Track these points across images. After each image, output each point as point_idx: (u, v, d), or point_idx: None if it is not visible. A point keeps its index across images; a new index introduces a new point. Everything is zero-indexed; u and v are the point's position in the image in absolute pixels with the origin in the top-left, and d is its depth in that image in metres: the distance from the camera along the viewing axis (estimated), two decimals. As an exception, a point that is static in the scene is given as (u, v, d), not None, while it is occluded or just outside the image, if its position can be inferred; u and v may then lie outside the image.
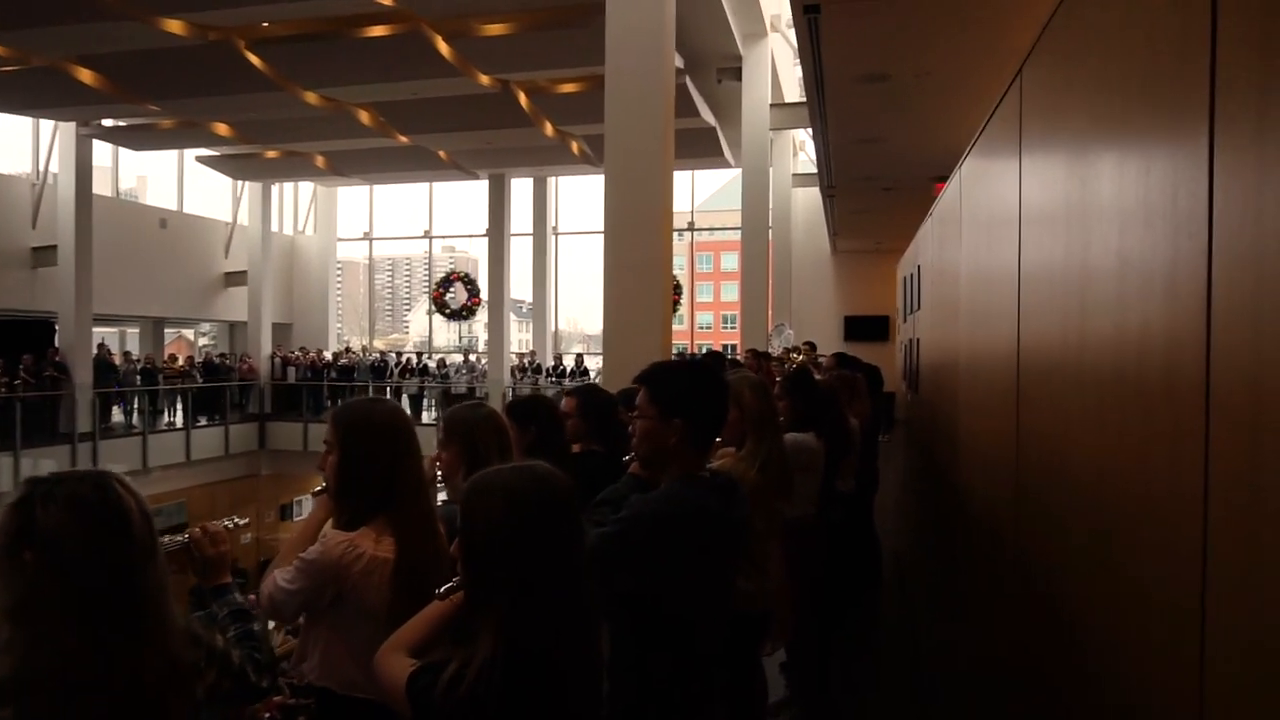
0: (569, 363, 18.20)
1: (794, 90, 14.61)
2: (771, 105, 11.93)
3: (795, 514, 3.01)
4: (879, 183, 10.47)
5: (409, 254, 33.86)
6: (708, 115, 12.71)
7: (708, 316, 42.87)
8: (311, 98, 12.00)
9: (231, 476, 17.11)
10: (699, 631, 1.85)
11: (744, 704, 2.87)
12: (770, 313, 12.76)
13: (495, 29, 9.88)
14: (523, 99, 12.12)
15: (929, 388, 4.38)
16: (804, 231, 16.40)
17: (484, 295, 19.04)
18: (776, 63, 12.66)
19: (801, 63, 6.99)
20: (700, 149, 13.76)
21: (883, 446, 5.95)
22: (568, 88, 11.78)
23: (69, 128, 14.41)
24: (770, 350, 10.68)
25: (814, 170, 15.78)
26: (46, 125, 14.81)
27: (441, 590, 1.49)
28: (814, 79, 6.73)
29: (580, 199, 20.33)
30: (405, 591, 1.86)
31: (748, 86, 11.48)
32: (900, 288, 6.99)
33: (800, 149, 16.65)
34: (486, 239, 18.90)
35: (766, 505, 2.52)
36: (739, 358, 7.72)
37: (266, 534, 16.76)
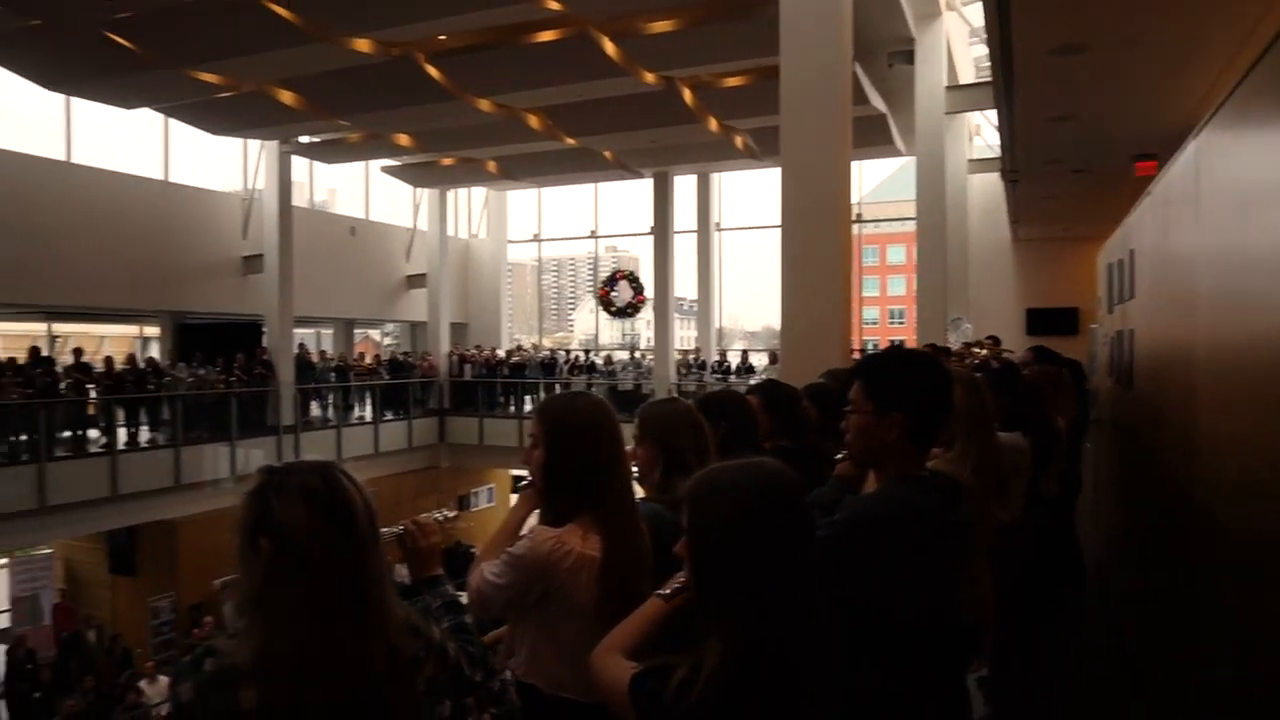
0: (733, 359, 18.08)
1: (970, 71, 13.85)
2: (947, 88, 11.34)
3: (1005, 519, 2.80)
4: (1069, 164, 9.72)
5: (574, 254, 34.76)
6: (878, 101, 12.26)
7: (873, 312, 41.57)
8: (485, 105, 12.48)
9: (415, 468, 18.14)
10: (919, 644, 1.72)
11: (949, 721, 2.69)
12: (946, 307, 12.15)
13: (661, 26, 9.91)
14: (687, 95, 12.11)
15: (1147, 384, 3.98)
16: (981, 220, 15.50)
17: (648, 293, 19.24)
18: (952, 43, 12.04)
19: (988, 37, 6.57)
20: (869, 137, 13.28)
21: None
22: (733, 81, 11.66)
23: (272, 146, 15.68)
24: (948, 346, 10.17)
25: (992, 155, 14.97)
26: (254, 145, 16.17)
27: (668, 592, 1.44)
28: (1000, 54, 6.30)
29: (744, 195, 20.15)
30: (613, 590, 1.85)
31: (921, 69, 10.97)
32: (1103, 276, 6.43)
33: (976, 133, 15.78)
34: (651, 237, 19.10)
35: (980, 510, 2.34)
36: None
37: (447, 523, 17.64)
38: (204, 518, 12.87)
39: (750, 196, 20.31)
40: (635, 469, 2.32)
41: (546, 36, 10.26)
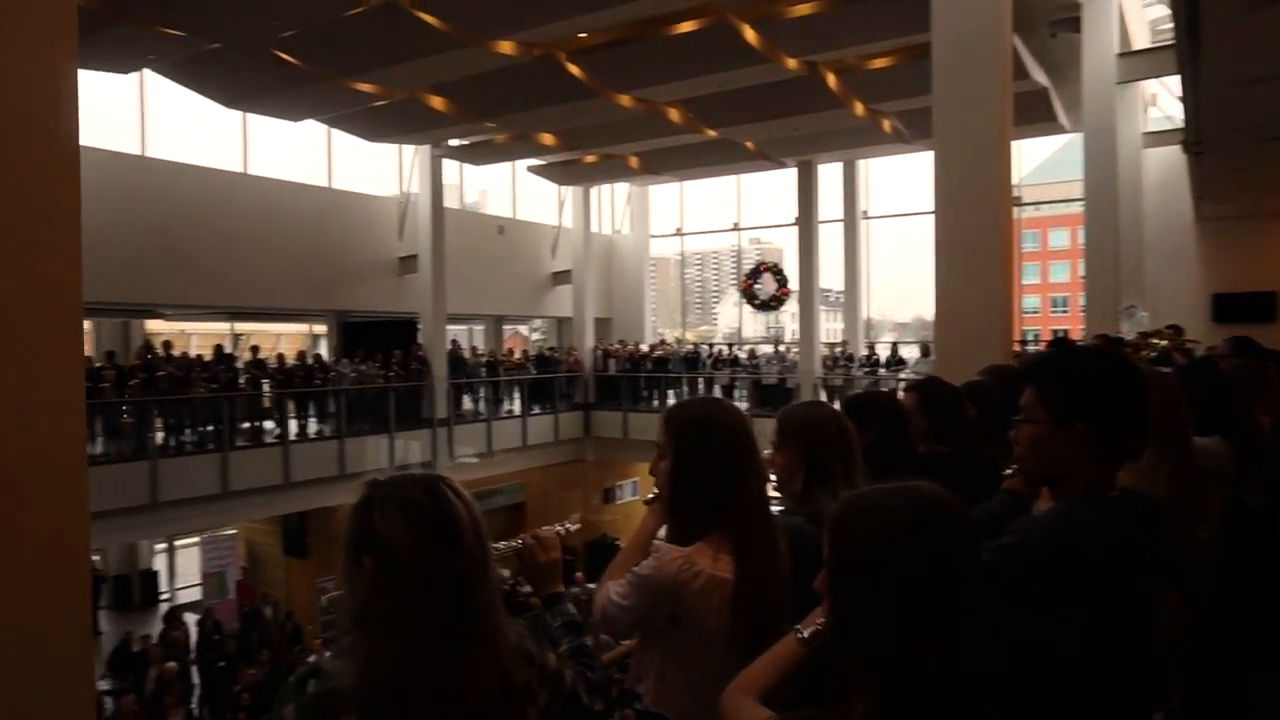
0: (882, 352, 17.37)
1: (1144, 36, 12.71)
2: (1119, 55, 10.43)
3: (1203, 537, 2.46)
4: (1263, 132, 8.72)
5: (716, 248, 34.61)
6: (1039, 75, 11.44)
7: (1034, 300, 39.15)
8: (625, 101, 12.51)
9: (561, 461, 18.52)
10: (1097, 692, 1.47)
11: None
12: (1119, 293, 11.21)
13: (803, 9, 9.59)
14: (831, 79, 11.70)
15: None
16: (1157, 198, 14.18)
17: (793, 285, 18.83)
18: (1124, 6, 11.07)
19: (1170, -5, 5.96)
20: (1030, 114, 12.41)
21: None
22: (879, 63, 11.17)
23: (424, 151, 16.34)
24: (1121, 336, 9.38)
25: (1170, 127, 13.70)
26: (408, 151, 16.92)
27: (805, 634, 1.28)
28: (1186, 11, 5.70)
29: (892, 181, 19.33)
30: (747, 617, 1.70)
31: (1089, 36, 10.15)
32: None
33: (1152, 103, 14.47)
34: (794, 228, 18.68)
35: (1178, 532, 2.04)
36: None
37: (592, 515, 17.97)
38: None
39: (899, 182, 19.42)
40: (774, 477, 2.17)
41: (686, 27, 10.14)
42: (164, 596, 16.07)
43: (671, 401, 18.28)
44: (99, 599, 14.83)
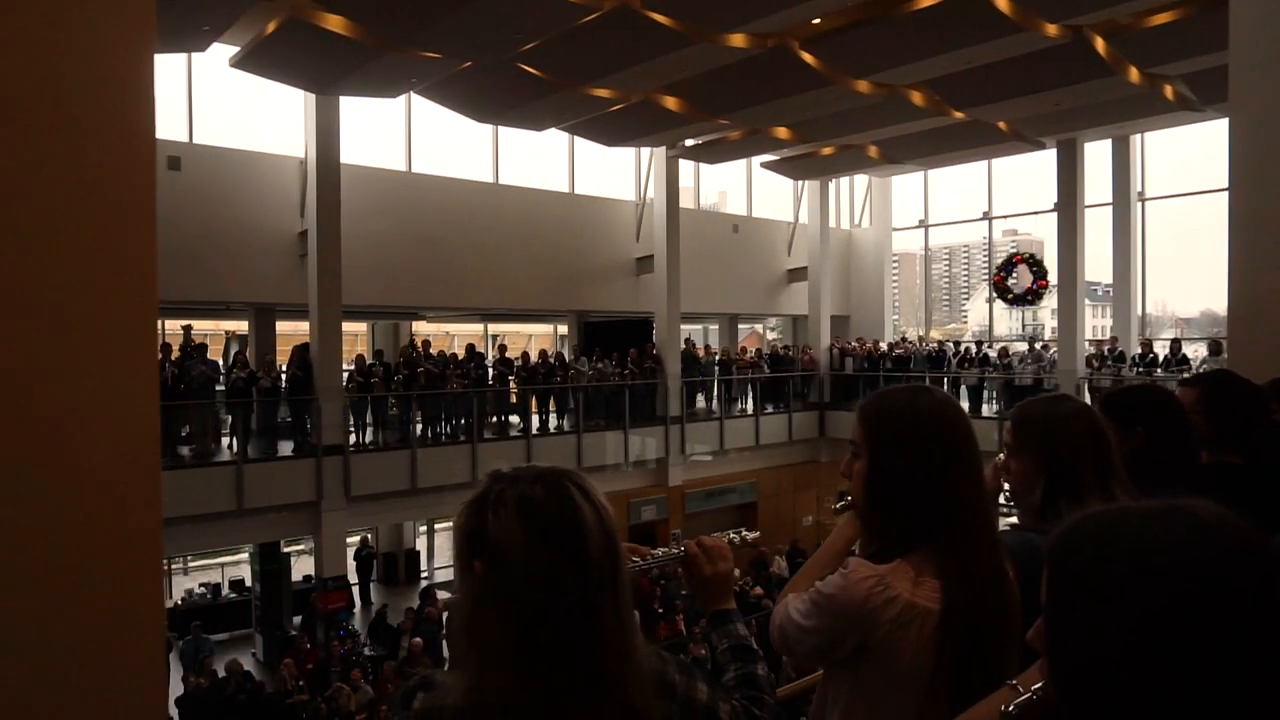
0: (1160, 350, 15.30)
1: None
2: None
3: None
4: None
5: (966, 241, 32.58)
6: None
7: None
8: (863, 86, 11.93)
9: (794, 461, 18.12)
10: None
11: None
12: None
13: (1064, -34, 8.62)
14: (1100, 44, 10.45)
15: None
16: None
17: (1052, 278, 17.12)
18: None
19: None
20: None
21: None
22: (1159, 18, 9.81)
23: (660, 152, 16.59)
24: None
25: None
26: (644, 153, 17.27)
27: (1011, 708, 0.96)
28: None
29: (1172, 157, 17.01)
30: (954, 656, 1.38)
31: None
32: None
33: None
34: (1055, 214, 16.97)
35: None
36: None
37: (826, 518, 17.38)
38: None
39: (1182, 158, 17.05)
40: (1007, 486, 1.82)
41: (928, 1, 9.45)
42: (424, 575, 17.51)
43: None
44: (371, 573, 16.44)
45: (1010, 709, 0.93)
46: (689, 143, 16.24)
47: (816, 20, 10.22)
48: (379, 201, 13.99)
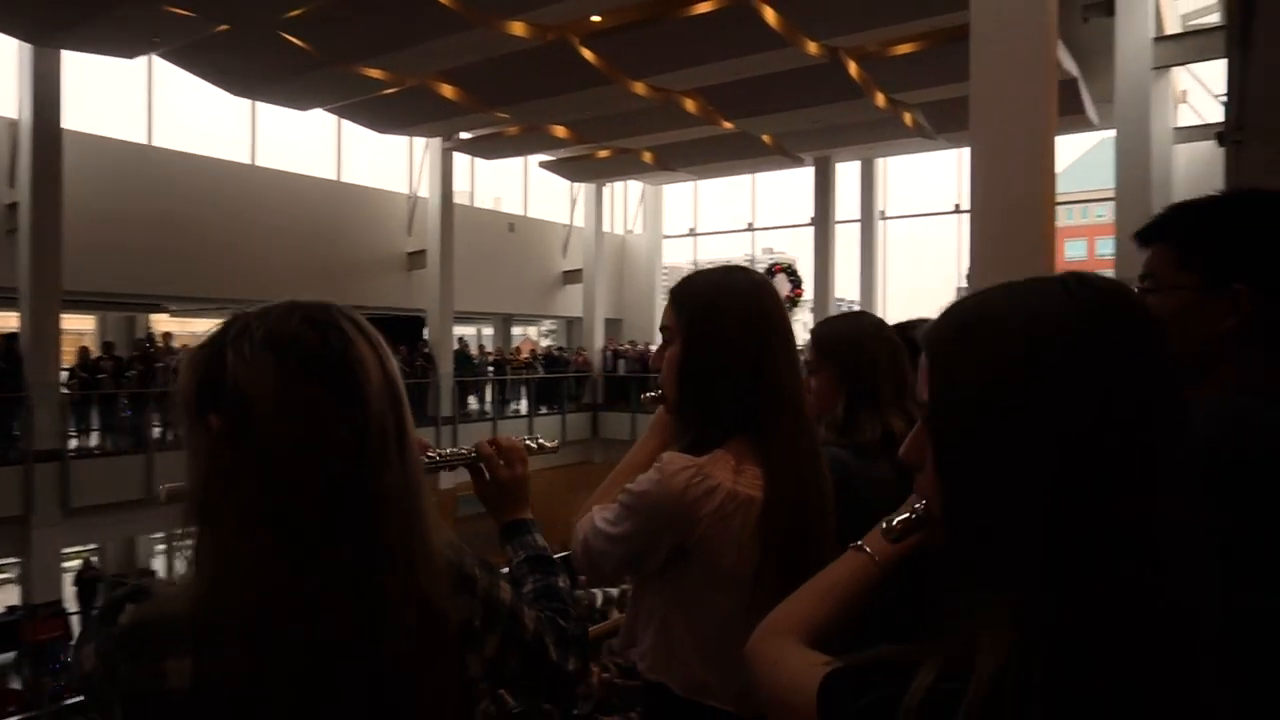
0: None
1: (1175, 27, 12.29)
2: (1154, 39, 10.01)
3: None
4: (1312, 118, 8.30)
5: (729, 256, 34.52)
6: (1070, 64, 11.03)
7: (1052, 310, 38.38)
8: (640, 89, 12.16)
9: (568, 462, 18.11)
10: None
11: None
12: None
13: (826, -13, 9.25)
14: (852, 67, 11.33)
15: None
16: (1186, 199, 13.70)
17: (807, 289, 18.40)
18: (1158, -9, 10.66)
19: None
20: (1060, 106, 11.97)
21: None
22: (903, 48, 10.79)
23: (435, 143, 16.06)
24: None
25: (1201, 122, 13.26)
26: (418, 143, 16.64)
27: (893, 523, 0.85)
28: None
29: (910, 180, 18.94)
30: (780, 547, 1.28)
31: (1123, 18, 9.70)
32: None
33: (1182, 99, 14.02)
34: (809, 229, 18.29)
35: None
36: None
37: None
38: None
39: (917, 181, 19.04)
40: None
41: (704, 8, 9.80)
42: (162, 595, 15.70)
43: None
44: (95, 599, 14.50)
45: (893, 524, 0.84)
46: (465, 135, 15.85)
47: (597, 18, 10.30)
48: (112, 176, 12.40)
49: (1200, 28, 11.15)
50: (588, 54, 10.99)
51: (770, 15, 9.74)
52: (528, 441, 1.33)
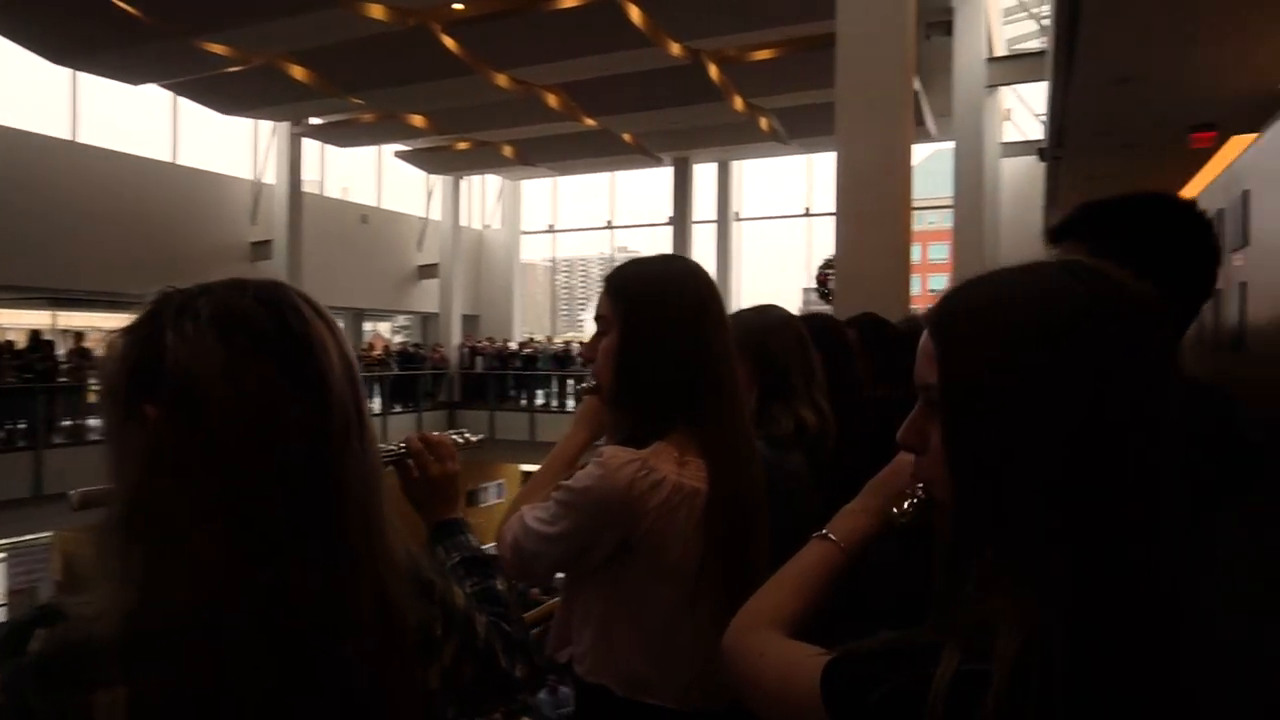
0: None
1: (1002, 50, 13.31)
2: (988, 59, 10.78)
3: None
4: (1120, 138, 9.18)
5: (585, 255, 34.73)
6: (914, 79, 11.69)
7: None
8: (502, 81, 11.99)
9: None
10: None
11: None
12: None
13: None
14: (713, 70, 11.60)
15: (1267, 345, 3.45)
16: (1010, 210, 14.88)
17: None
18: (990, 16, 11.50)
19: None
20: (901, 118, 12.68)
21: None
22: (761, 55, 11.14)
23: (283, 128, 15.26)
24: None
25: (1023, 138, 14.41)
26: (265, 127, 15.74)
27: (904, 507, 0.81)
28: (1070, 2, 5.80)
29: (764, 182, 19.63)
30: (725, 539, 1.28)
31: (961, 39, 10.40)
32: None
33: (1006, 117, 15.19)
34: (668, 228, 18.61)
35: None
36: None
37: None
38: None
39: (770, 185, 19.77)
40: None
41: (569, 3, 9.77)
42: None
43: (541, 401, 17.83)
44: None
45: (905, 507, 0.81)
46: (316, 121, 15.14)
47: (459, 5, 10.07)
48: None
49: (1025, 51, 12.07)
50: (449, 42, 10.73)
51: (635, 14, 9.82)
52: (454, 436, 1.27)
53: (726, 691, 1.31)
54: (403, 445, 1.19)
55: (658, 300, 1.36)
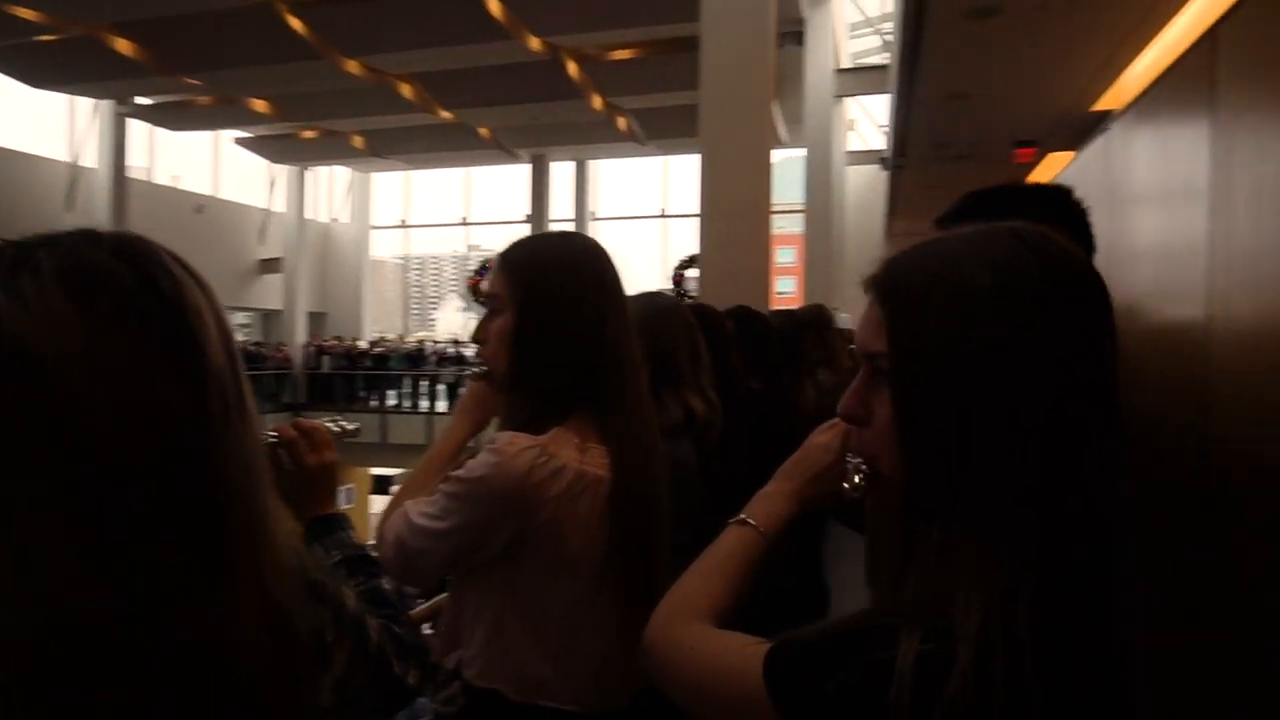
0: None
1: (847, 63, 13.97)
2: (836, 71, 11.27)
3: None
4: (954, 150, 9.79)
5: (438, 253, 34.03)
6: (765, 86, 12.07)
7: (761, 313, 42.08)
8: (354, 67, 11.50)
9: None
10: None
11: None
12: (836, 303, 12.12)
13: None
14: (572, 67, 11.56)
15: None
16: (854, 216, 15.65)
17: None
18: (837, 29, 12.03)
19: (903, -3, 6.39)
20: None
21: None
22: (621, 54, 11.20)
23: (106, 106, 14.07)
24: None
25: (866, 148, 15.17)
26: (84, 104, 14.46)
27: (855, 481, 0.76)
28: (915, 14, 6.12)
29: (620, 183, 19.79)
30: (627, 527, 1.23)
31: (812, 50, 10.82)
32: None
33: (851, 127, 15.96)
34: (525, 226, 18.41)
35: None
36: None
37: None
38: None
39: (626, 185, 19.97)
40: None
41: (427, -10, 9.50)
42: None
43: (393, 402, 17.27)
44: None
45: (857, 480, 0.76)
46: (144, 100, 14.03)
47: (308, -15, 9.60)
48: None
49: (868, 65, 12.70)
50: (296, 24, 10.18)
51: (494, 6, 9.65)
52: (330, 424, 1.17)
53: (625, 690, 1.28)
54: (274, 434, 1.09)
55: (555, 278, 1.29)
